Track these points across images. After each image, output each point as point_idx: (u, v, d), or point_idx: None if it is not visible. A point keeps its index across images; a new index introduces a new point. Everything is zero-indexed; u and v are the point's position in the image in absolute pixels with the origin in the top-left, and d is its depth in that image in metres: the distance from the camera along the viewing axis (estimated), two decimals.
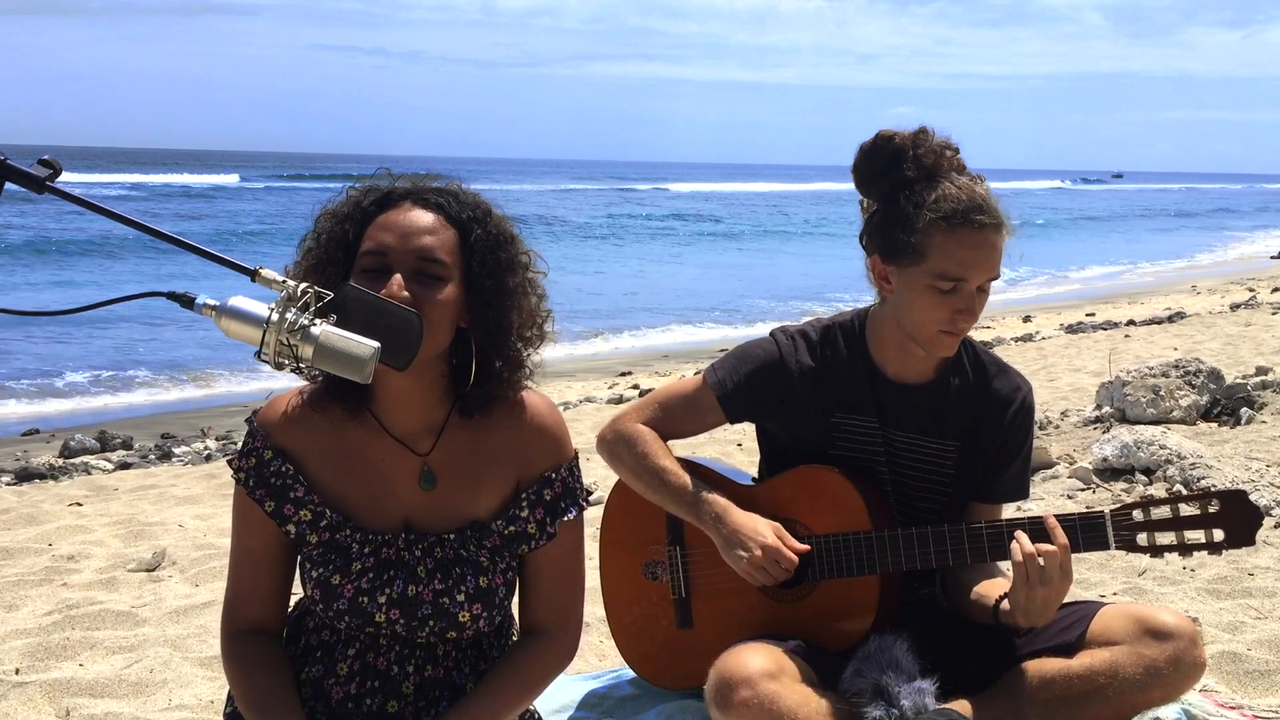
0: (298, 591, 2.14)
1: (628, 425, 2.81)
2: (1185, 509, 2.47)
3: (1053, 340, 13.71)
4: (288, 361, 1.65)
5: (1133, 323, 15.26)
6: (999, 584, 2.58)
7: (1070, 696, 2.50)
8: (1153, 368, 7.18)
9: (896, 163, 2.59)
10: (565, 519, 2.14)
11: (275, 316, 1.64)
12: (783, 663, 2.48)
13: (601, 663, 3.52)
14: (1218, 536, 2.45)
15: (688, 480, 2.72)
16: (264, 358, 1.65)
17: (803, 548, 2.60)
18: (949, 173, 2.58)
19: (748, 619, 2.73)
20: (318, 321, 1.66)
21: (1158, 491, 5.17)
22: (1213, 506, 2.45)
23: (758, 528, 2.60)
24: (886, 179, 2.61)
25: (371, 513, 2.07)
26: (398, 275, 1.94)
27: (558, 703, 3.02)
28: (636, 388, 11.50)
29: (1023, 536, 2.40)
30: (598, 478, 5.63)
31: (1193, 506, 2.47)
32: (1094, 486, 5.43)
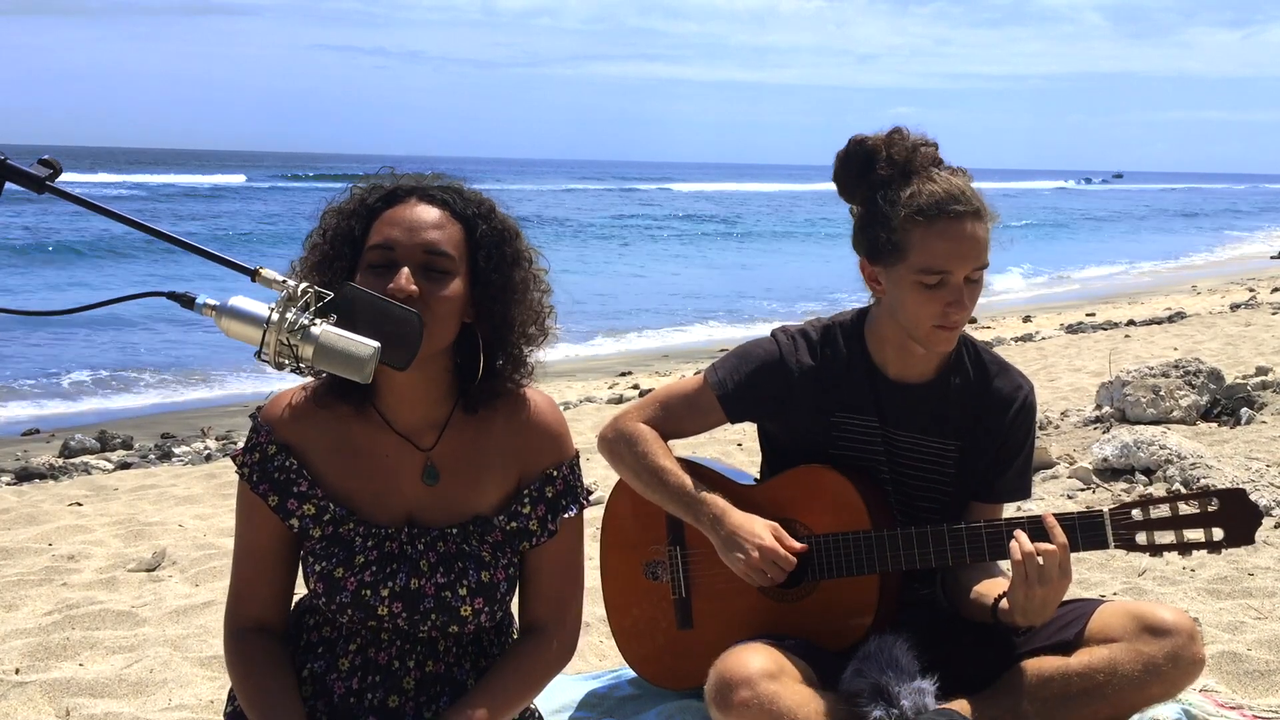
0: (299, 591, 2.15)
1: (629, 424, 2.82)
2: (1184, 508, 2.46)
3: (1053, 340, 13.69)
4: (288, 361, 1.65)
5: (1133, 323, 15.23)
6: (998, 583, 2.58)
7: (1069, 694, 2.49)
8: (1153, 368, 7.18)
9: (871, 164, 2.60)
10: (566, 516, 2.15)
11: (275, 316, 1.64)
12: (783, 663, 2.48)
13: (601, 663, 3.52)
14: (1217, 535, 2.44)
15: (687, 480, 2.72)
16: (264, 358, 1.66)
17: (800, 547, 2.60)
18: (926, 168, 2.58)
19: (748, 619, 2.73)
20: (318, 321, 1.66)
21: (1158, 492, 5.16)
22: (1212, 505, 2.45)
23: (755, 529, 2.60)
24: (864, 181, 2.61)
25: (375, 507, 2.08)
26: (405, 269, 1.95)
27: (558, 702, 3.02)
28: (636, 388, 11.50)
29: (1022, 535, 2.40)
30: (598, 477, 5.63)
31: (1192, 505, 2.46)
32: (1094, 486, 5.43)
